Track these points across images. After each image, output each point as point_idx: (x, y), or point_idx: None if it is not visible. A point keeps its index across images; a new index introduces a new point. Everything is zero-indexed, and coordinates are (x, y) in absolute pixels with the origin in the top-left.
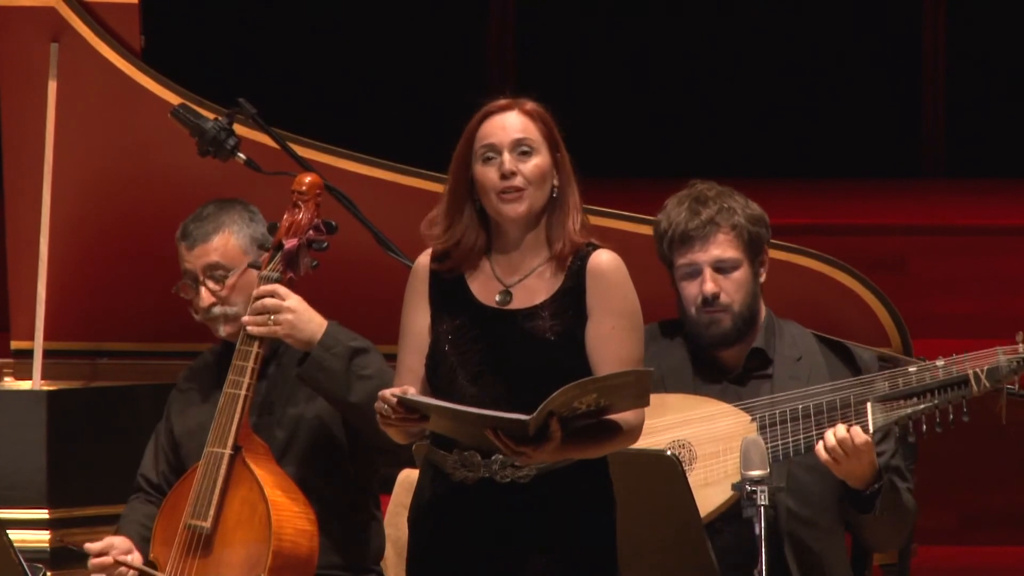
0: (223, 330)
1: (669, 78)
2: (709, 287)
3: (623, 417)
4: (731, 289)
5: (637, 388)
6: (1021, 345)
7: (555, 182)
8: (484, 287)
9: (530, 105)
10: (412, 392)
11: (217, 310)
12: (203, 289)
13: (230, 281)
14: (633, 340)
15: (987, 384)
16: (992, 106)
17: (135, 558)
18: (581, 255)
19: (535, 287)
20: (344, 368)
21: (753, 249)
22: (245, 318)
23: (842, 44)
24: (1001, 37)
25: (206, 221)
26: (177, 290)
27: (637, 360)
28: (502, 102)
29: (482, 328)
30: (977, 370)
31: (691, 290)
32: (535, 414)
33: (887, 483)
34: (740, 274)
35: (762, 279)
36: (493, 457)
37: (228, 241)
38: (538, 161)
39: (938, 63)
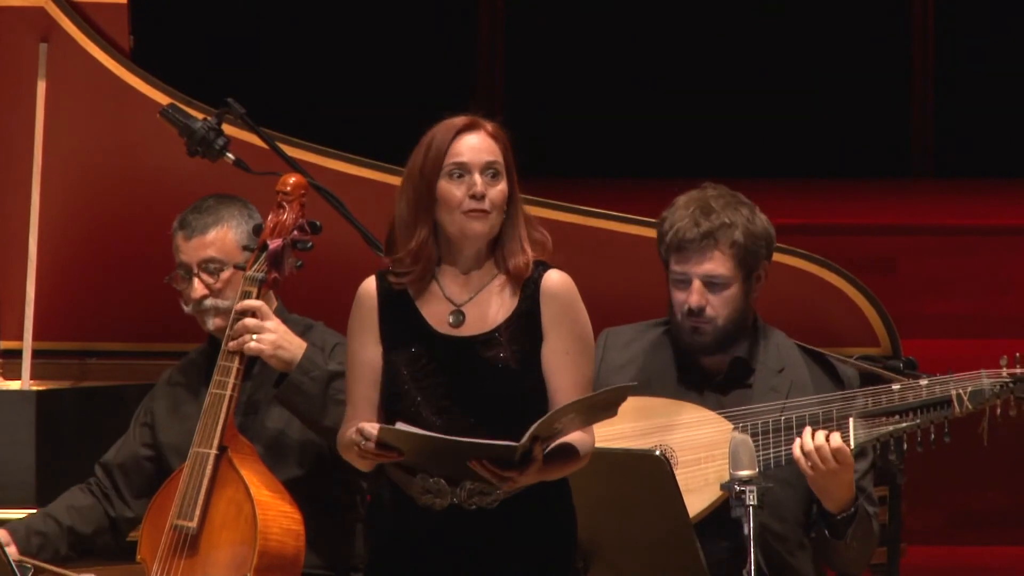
0: (212, 323)
1: (655, 78)
2: (695, 299)
3: (580, 438)
4: (718, 304)
5: (616, 404)
6: (1005, 369)
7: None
8: (435, 310)
9: (493, 127)
10: (400, 425)
11: (208, 303)
12: (196, 281)
13: (224, 275)
14: (586, 363)
15: (970, 406)
16: (981, 106)
17: (10, 552)
18: (534, 276)
19: (488, 306)
20: (322, 392)
21: (747, 266)
22: (230, 342)
23: (831, 44)
24: (989, 37)
25: (205, 213)
26: (170, 279)
27: (591, 381)
28: (466, 119)
29: (440, 359)
30: (960, 391)
31: (679, 297)
32: (523, 440)
33: (862, 510)
34: (730, 292)
35: (756, 294)
36: (461, 484)
37: (226, 235)
38: (503, 186)
39: (927, 64)
